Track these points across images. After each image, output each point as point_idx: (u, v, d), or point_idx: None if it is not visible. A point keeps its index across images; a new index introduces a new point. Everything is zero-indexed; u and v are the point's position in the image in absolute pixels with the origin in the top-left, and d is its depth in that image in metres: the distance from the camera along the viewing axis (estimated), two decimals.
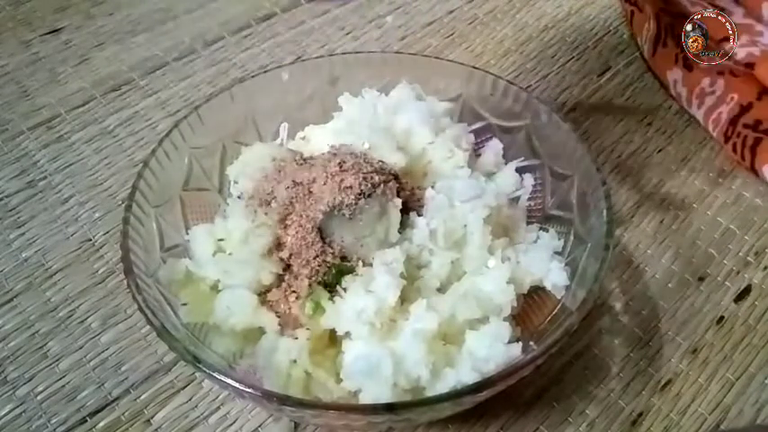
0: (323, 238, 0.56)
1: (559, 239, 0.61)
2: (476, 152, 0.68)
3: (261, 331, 0.55)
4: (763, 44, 0.80)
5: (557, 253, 0.60)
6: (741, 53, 0.78)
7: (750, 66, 0.77)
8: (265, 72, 0.68)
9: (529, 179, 0.65)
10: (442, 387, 0.51)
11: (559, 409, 0.59)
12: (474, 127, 0.69)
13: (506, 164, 0.67)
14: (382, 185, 0.56)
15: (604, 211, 0.55)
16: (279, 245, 0.57)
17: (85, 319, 0.65)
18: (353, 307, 0.52)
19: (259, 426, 0.58)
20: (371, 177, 0.56)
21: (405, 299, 0.54)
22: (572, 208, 0.61)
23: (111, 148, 0.80)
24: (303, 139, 0.68)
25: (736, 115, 0.76)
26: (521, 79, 0.88)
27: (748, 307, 0.66)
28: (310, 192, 0.57)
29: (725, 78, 0.79)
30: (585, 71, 0.89)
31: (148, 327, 0.51)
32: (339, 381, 0.52)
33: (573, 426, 0.58)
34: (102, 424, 0.58)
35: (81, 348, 0.63)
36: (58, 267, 0.69)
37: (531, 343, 0.53)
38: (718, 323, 0.65)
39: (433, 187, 0.60)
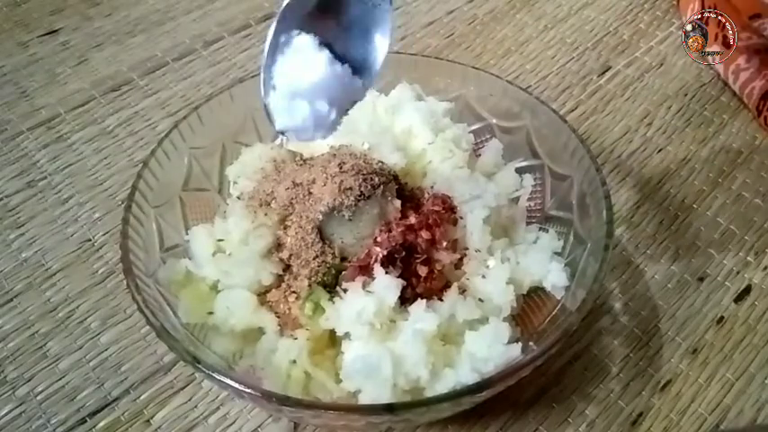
0: (323, 239, 0.56)
1: (559, 240, 0.61)
2: (476, 152, 0.68)
3: (260, 332, 0.55)
4: None
5: (556, 253, 0.60)
6: None
7: None
8: None
9: (529, 179, 0.65)
10: (442, 387, 0.51)
11: (559, 409, 0.59)
12: (474, 127, 0.69)
13: (506, 164, 0.67)
14: (382, 186, 0.56)
15: (604, 211, 0.55)
16: (278, 245, 0.57)
17: (85, 319, 0.65)
18: (353, 307, 0.52)
19: (258, 426, 0.58)
20: (371, 179, 0.56)
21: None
22: (572, 208, 0.61)
23: (111, 148, 0.80)
24: None
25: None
26: (521, 79, 0.88)
27: (748, 307, 0.66)
28: (310, 192, 0.57)
29: (760, 57, 0.82)
30: (585, 71, 0.89)
31: (148, 327, 0.51)
32: (339, 381, 0.52)
33: (572, 426, 0.58)
34: (102, 424, 0.58)
35: (81, 348, 0.63)
36: (58, 267, 0.69)
37: (531, 343, 0.53)
38: (718, 323, 0.65)
39: (432, 187, 0.60)
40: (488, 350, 0.52)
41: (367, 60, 0.47)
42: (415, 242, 0.55)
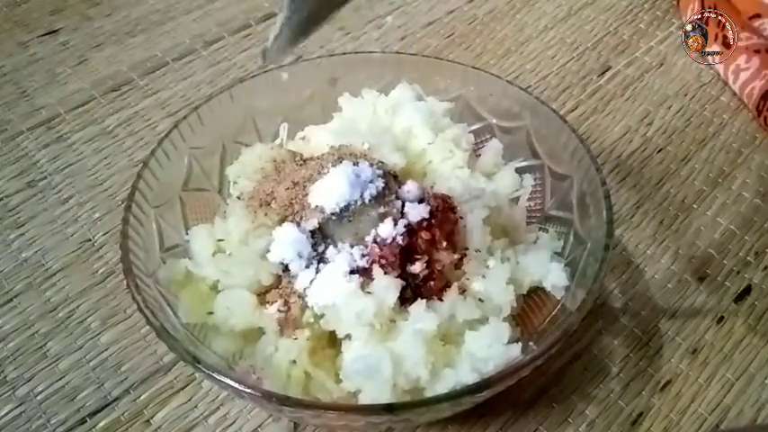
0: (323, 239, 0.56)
1: (559, 240, 0.61)
2: (476, 152, 0.68)
3: (260, 332, 0.55)
4: None
5: (556, 253, 0.60)
6: None
7: None
8: (265, 72, 0.68)
9: (529, 179, 0.65)
10: (442, 387, 0.50)
11: (559, 409, 0.59)
12: (474, 127, 0.69)
13: (506, 164, 0.67)
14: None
15: (604, 211, 0.55)
16: None
17: (85, 319, 0.65)
18: (353, 308, 0.52)
19: (259, 426, 0.58)
20: None
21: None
22: (572, 208, 0.61)
23: (111, 148, 0.80)
24: (303, 139, 0.68)
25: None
26: (521, 79, 0.88)
27: (748, 307, 0.66)
28: None
29: (760, 57, 0.82)
30: (585, 71, 0.89)
31: (148, 327, 0.50)
32: (339, 381, 0.52)
33: (572, 426, 0.58)
34: (102, 424, 0.58)
35: (81, 348, 0.63)
36: (58, 268, 0.69)
37: (531, 343, 0.53)
38: (718, 323, 0.65)
39: (432, 187, 0.60)
40: (488, 350, 0.52)
41: None
42: (415, 242, 0.54)
